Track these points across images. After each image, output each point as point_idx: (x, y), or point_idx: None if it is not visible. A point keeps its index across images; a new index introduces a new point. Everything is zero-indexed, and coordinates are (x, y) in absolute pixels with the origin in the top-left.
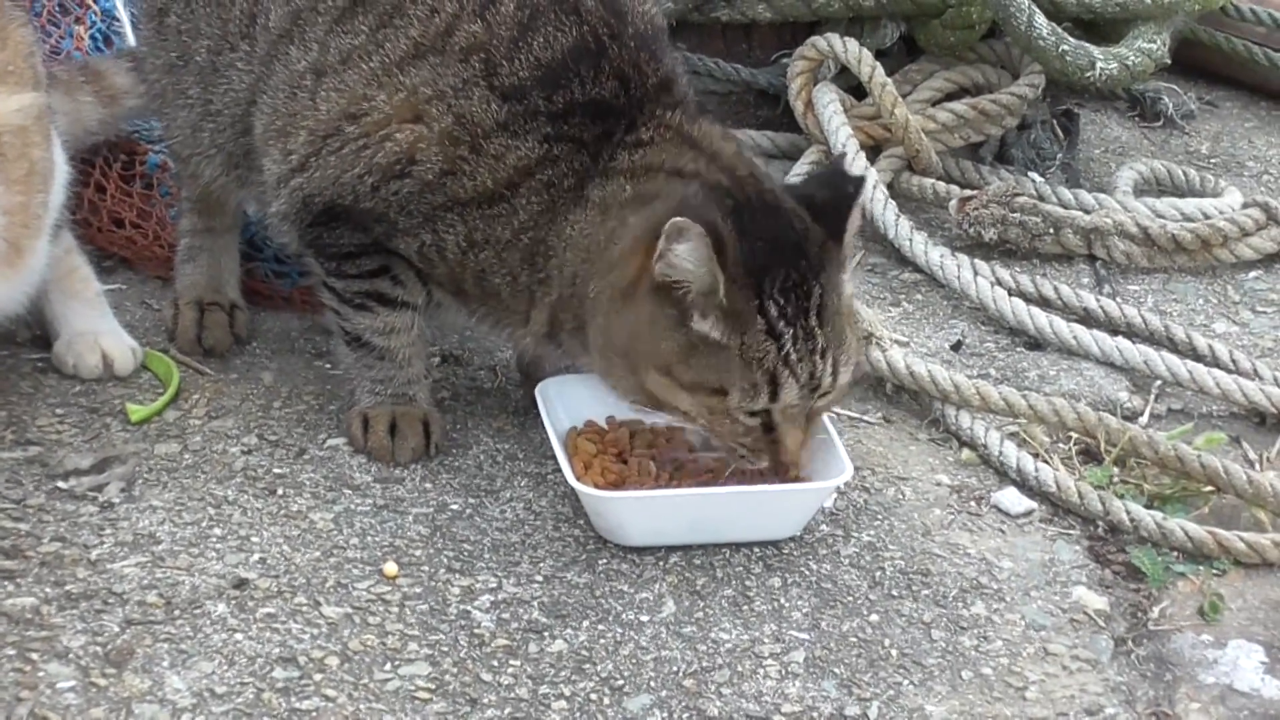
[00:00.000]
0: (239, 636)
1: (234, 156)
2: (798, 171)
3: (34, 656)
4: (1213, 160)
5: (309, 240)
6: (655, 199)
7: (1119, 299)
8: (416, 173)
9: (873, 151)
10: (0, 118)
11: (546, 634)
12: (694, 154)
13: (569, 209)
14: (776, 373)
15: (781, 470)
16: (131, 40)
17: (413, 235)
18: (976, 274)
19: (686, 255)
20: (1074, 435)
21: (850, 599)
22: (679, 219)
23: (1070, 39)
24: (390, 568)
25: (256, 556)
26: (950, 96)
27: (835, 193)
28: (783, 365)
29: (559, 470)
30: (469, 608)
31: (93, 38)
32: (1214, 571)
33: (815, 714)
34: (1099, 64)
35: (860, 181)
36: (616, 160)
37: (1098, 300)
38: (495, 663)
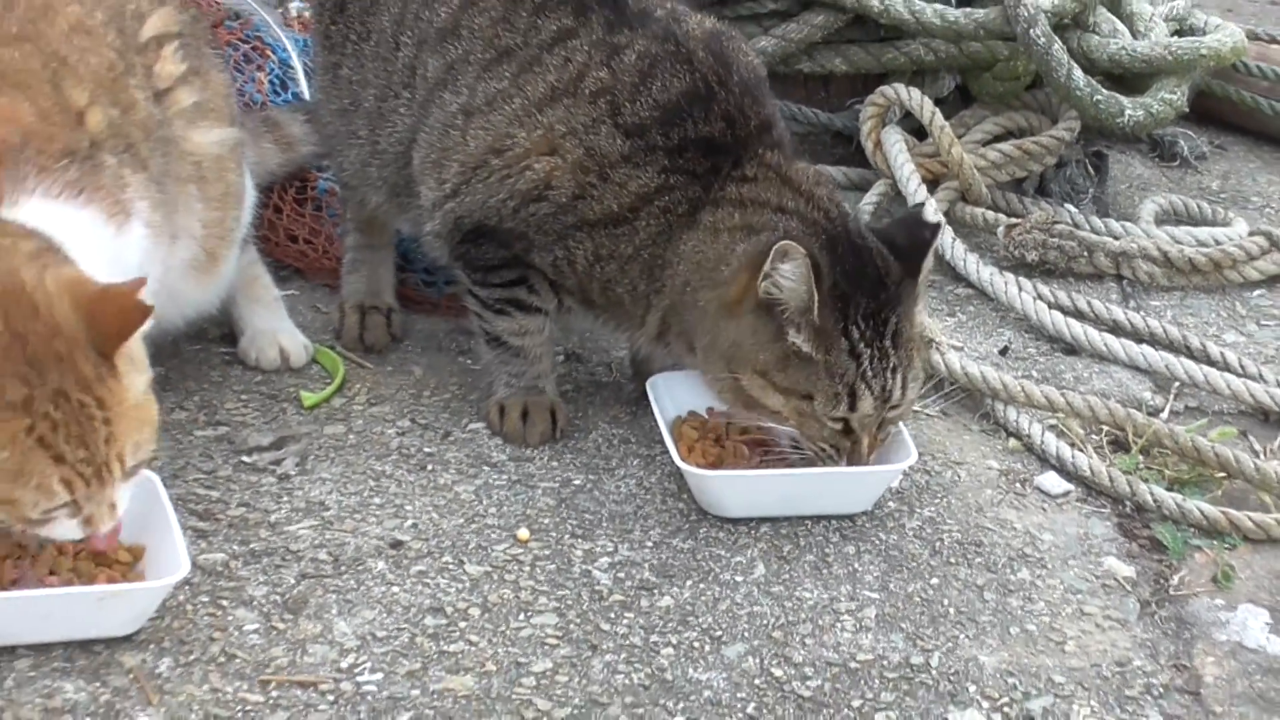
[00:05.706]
0: (395, 589)
1: (396, 186)
2: (868, 200)
3: (224, 603)
4: (1222, 195)
5: (458, 255)
6: (761, 230)
7: (1143, 312)
8: (552, 197)
9: (932, 184)
10: (203, 148)
11: (656, 591)
12: (792, 193)
13: (683, 230)
14: (855, 386)
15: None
16: (304, 84)
17: (547, 251)
18: (1021, 290)
19: (789, 273)
20: (1105, 428)
21: (914, 565)
22: (785, 242)
23: (1103, 90)
24: (523, 533)
25: (410, 522)
26: (998, 138)
27: (914, 236)
28: (860, 380)
29: (666, 452)
30: (590, 568)
31: (270, 83)
32: (1226, 546)
33: (885, 662)
34: (1128, 111)
35: (937, 228)
36: (725, 191)
37: (1125, 313)
38: (612, 615)
